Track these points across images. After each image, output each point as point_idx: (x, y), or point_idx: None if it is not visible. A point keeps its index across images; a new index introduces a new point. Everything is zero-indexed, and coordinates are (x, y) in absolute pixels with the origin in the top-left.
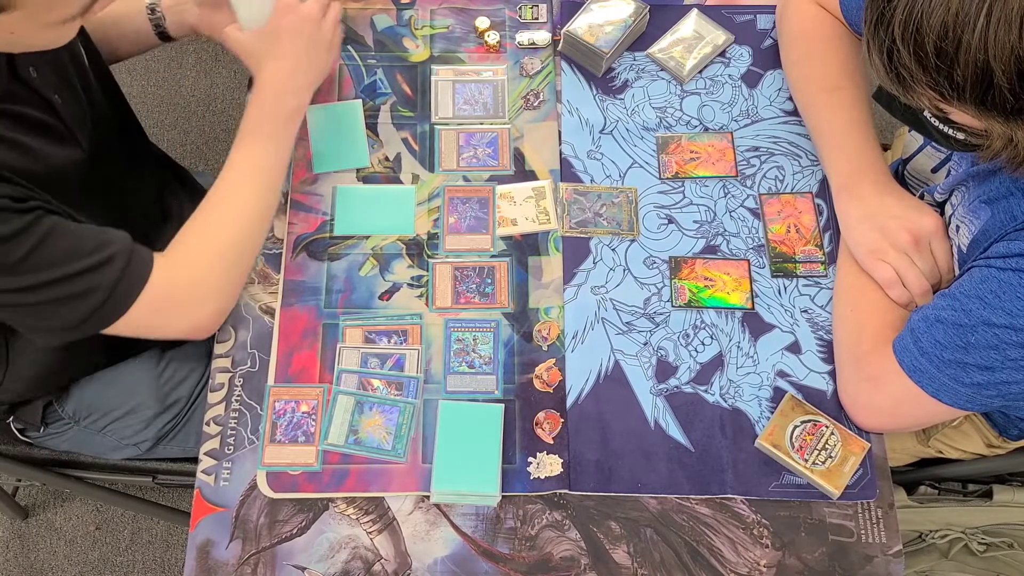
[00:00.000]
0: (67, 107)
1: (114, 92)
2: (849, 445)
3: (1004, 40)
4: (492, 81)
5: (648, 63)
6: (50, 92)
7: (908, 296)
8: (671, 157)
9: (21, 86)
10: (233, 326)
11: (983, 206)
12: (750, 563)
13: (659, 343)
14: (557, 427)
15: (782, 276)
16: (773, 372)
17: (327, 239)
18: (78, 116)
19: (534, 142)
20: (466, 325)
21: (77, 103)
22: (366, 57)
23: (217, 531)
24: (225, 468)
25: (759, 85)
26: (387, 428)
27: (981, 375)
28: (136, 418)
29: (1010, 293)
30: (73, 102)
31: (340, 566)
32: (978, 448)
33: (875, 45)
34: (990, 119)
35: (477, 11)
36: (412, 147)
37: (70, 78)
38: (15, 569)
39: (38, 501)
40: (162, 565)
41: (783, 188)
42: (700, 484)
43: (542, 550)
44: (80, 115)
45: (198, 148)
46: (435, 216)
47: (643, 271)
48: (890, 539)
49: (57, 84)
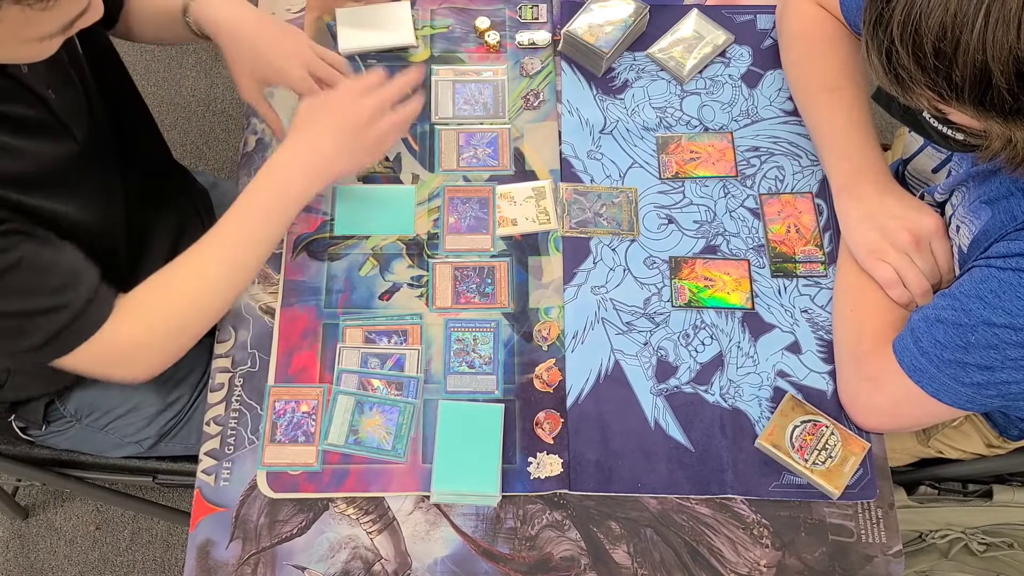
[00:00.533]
0: (61, 101)
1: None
2: (849, 445)
3: (1002, 41)
4: (492, 81)
5: (648, 63)
6: (42, 87)
7: (908, 296)
8: (671, 157)
9: (10, 82)
10: (233, 326)
11: (984, 206)
12: (750, 563)
13: (659, 343)
14: (557, 427)
15: (782, 276)
16: (773, 372)
17: (327, 239)
18: (74, 109)
19: (534, 142)
20: (466, 325)
21: (74, 95)
22: (366, 57)
23: (217, 531)
24: (225, 468)
25: (759, 85)
26: (387, 428)
27: (981, 375)
28: (138, 416)
29: (1010, 293)
30: (68, 95)
31: (340, 566)
32: (978, 448)
33: (874, 46)
34: (989, 119)
35: (477, 11)
36: (412, 147)
37: (65, 69)
38: (15, 569)
39: (38, 501)
40: (162, 565)
41: (783, 188)
42: (700, 484)
43: (542, 550)
44: (76, 108)
45: (198, 148)
46: (435, 216)
47: (643, 271)
48: (890, 539)
49: (50, 79)
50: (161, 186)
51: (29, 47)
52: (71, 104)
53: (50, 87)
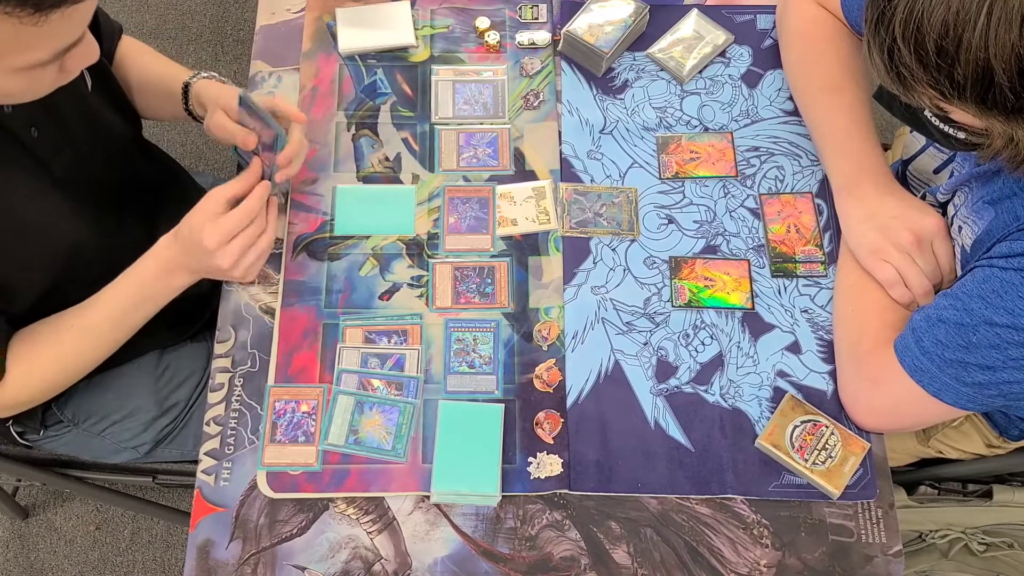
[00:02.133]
0: (43, 138)
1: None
2: (849, 445)
3: (1004, 39)
4: (492, 81)
5: (648, 63)
6: (25, 127)
7: (910, 296)
8: (671, 157)
9: None
10: (233, 326)
11: (987, 207)
12: (750, 563)
13: (659, 343)
14: (557, 427)
15: (782, 276)
16: (773, 372)
17: (327, 239)
18: (58, 145)
19: (534, 142)
20: (466, 325)
21: (59, 133)
22: (366, 57)
23: (217, 531)
24: (225, 468)
25: (759, 85)
26: (387, 428)
27: (983, 375)
28: (135, 421)
29: (1012, 293)
30: (53, 133)
31: (340, 566)
32: (978, 448)
33: (876, 44)
34: (991, 118)
35: (477, 11)
36: (412, 147)
37: (57, 106)
38: (15, 569)
39: (38, 501)
40: (162, 565)
41: (783, 188)
42: (700, 484)
43: (542, 550)
44: (61, 143)
45: (198, 148)
46: (435, 216)
47: (643, 271)
48: (890, 539)
49: (38, 116)
50: (160, 191)
51: (19, 78)
52: (55, 140)
53: (34, 125)
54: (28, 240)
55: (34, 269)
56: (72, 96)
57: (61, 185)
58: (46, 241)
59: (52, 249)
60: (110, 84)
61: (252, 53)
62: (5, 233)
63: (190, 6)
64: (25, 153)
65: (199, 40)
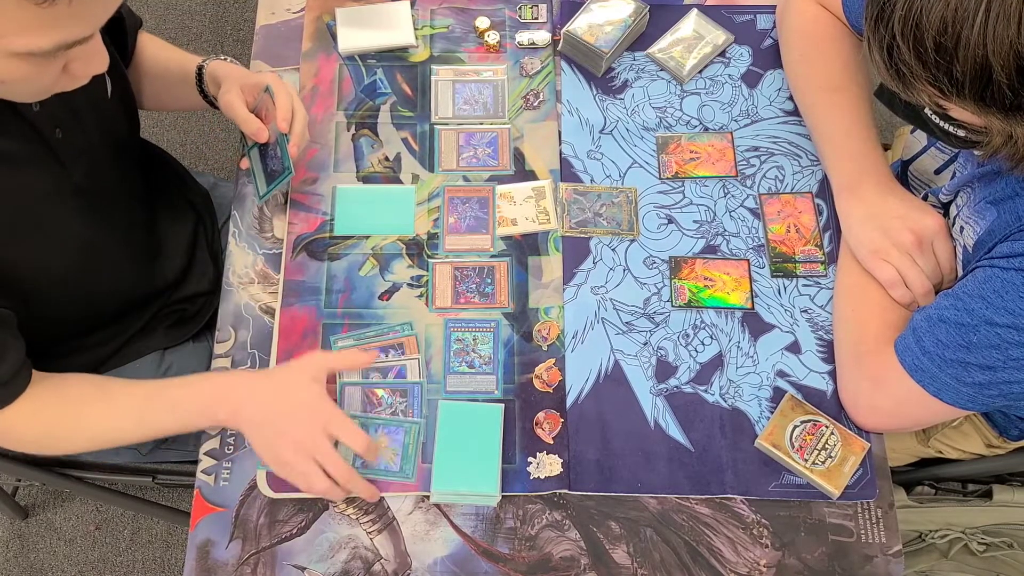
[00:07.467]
0: (67, 143)
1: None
2: (849, 445)
3: (1003, 36)
4: (492, 81)
5: (648, 63)
6: (51, 127)
7: (910, 296)
8: (671, 157)
9: (16, 118)
10: (233, 326)
11: (989, 207)
12: (750, 563)
13: (659, 343)
14: (557, 427)
15: (782, 276)
16: (773, 372)
17: (327, 239)
18: (80, 150)
19: (534, 142)
20: (466, 325)
21: (81, 138)
22: (366, 57)
23: (217, 531)
24: (225, 468)
25: (759, 85)
26: (393, 449)
27: (983, 375)
28: None
29: (1013, 293)
30: (76, 137)
31: (340, 566)
32: (978, 448)
33: (875, 41)
34: (989, 115)
35: (477, 11)
36: (412, 147)
37: (80, 110)
38: (15, 569)
39: (38, 501)
40: (162, 565)
41: (783, 188)
42: (700, 484)
43: (542, 550)
44: (80, 149)
45: (198, 148)
46: (435, 216)
47: (643, 271)
48: (890, 539)
49: (63, 118)
50: (160, 191)
51: (15, 64)
52: (77, 144)
53: (59, 126)
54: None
55: (51, 267)
56: (92, 101)
57: (78, 189)
58: (57, 242)
59: (62, 250)
60: (127, 89)
61: (252, 53)
62: (22, 232)
63: (190, 6)
64: (49, 154)
65: (199, 40)
